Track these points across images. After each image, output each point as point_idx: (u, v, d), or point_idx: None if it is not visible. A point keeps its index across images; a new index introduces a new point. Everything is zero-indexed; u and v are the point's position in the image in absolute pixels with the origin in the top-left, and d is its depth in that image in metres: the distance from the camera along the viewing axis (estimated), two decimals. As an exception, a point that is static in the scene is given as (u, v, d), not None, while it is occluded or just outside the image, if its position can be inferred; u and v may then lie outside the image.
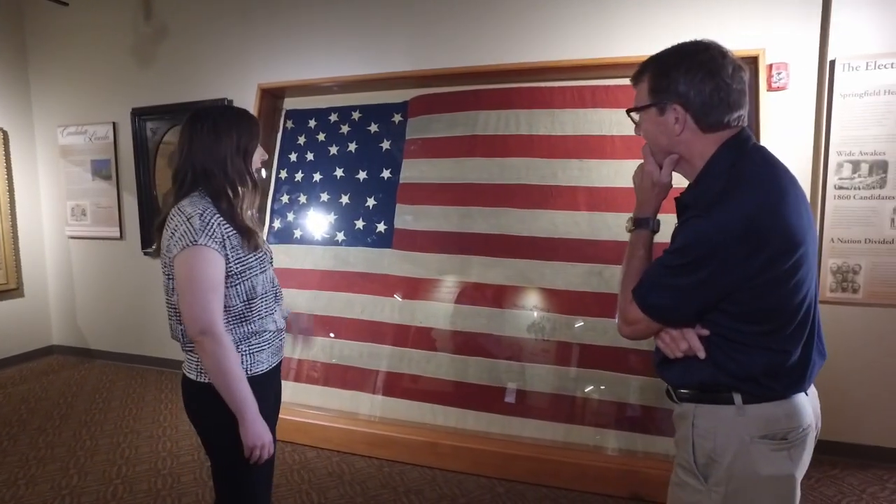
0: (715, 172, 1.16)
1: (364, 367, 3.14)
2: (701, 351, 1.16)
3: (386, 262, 3.24)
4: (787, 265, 1.08)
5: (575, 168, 2.93)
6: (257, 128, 1.53)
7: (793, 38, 2.74)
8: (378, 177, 3.34)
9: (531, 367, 2.87)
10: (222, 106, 1.50)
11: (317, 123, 3.52)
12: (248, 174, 1.50)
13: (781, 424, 1.14)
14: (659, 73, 1.20)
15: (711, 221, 1.08)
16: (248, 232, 1.47)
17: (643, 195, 1.35)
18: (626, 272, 1.30)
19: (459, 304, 3.04)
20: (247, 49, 3.75)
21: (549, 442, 2.75)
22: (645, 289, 1.20)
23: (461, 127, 3.17)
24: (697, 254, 1.09)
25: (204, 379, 1.46)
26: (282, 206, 3.54)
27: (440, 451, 2.80)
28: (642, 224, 1.33)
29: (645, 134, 1.27)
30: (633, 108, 1.28)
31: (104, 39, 4.24)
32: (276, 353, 1.60)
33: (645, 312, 1.20)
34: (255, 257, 1.49)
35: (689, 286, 1.12)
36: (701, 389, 1.20)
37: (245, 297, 1.48)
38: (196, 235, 1.37)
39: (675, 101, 1.18)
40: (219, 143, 1.45)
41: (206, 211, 1.41)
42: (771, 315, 1.12)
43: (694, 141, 1.20)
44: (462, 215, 3.11)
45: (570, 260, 2.88)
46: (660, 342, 1.24)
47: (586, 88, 2.94)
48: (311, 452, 2.99)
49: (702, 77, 1.15)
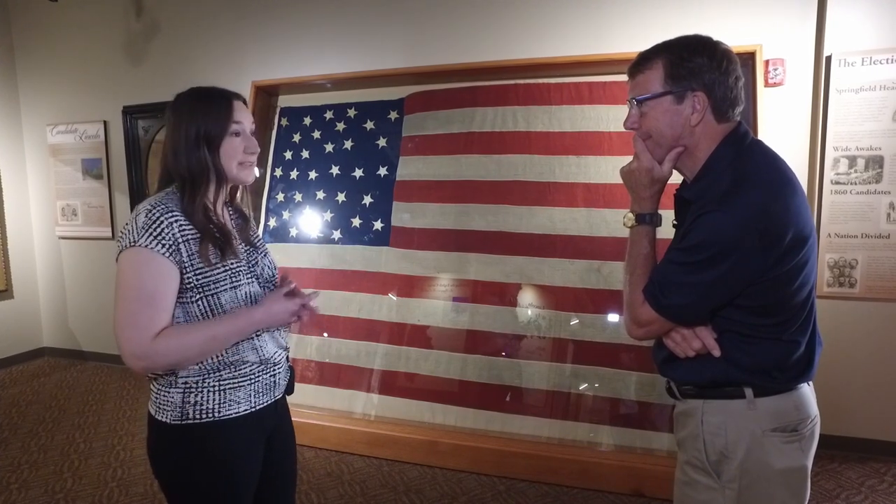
0: (719, 166, 1.14)
1: (362, 366, 3.11)
2: (716, 349, 1.14)
3: (383, 260, 3.22)
4: (798, 258, 1.09)
5: (573, 164, 2.92)
6: (227, 112, 1.27)
7: (789, 33, 2.74)
8: (374, 174, 3.31)
9: (530, 364, 2.86)
10: (196, 88, 1.30)
11: (312, 121, 3.49)
12: (213, 165, 1.25)
13: (791, 416, 1.13)
14: (679, 59, 1.15)
15: (729, 215, 1.06)
16: (208, 234, 1.23)
17: (641, 191, 1.26)
18: (633, 270, 1.24)
19: (457, 301, 3.03)
20: (240, 46, 3.71)
21: (548, 439, 2.74)
22: (658, 288, 1.16)
23: (458, 124, 3.15)
24: (717, 249, 1.06)
25: (165, 418, 1.23)
26: (277, 205, 3.51)
27: (439, 450, 2.78)
28: (644, 220, 1.26)
29: (651, 125, 1.19)
30: (644, 96, 1.19)
31: (94, 36, 4.17)
32: (263, 390, 1.32)
33: (660, 312, 1.16)
34: (223, 269, 1.24)
35: (708, 283, 1.09)
36: (711, 385, 1.18)
37: (210, 316, 1.23)
38: (137, 235, 1.16)
39: (698, 89, 1.14)
40: (178, 130, 1.25)
41: (158, 207, 1.19)
42: (783, 307, 1.11)
43: (706, 132, 1.17)
44: (459, 212, 3.09)
45: (568, 256, 2.87)
46: (670, 342, 1.20)
47: (584, 85, 2.93)
48: (310, 452, 2.97)
49: (726, 67, 1.14)
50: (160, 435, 1.25)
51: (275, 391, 1.37)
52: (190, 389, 1.23)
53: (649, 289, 1.18)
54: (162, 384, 1.24)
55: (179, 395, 1.23)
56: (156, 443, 1.27)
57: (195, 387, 1.23)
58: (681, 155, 1.21)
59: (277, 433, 1.42)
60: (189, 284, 1.21)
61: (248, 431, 1.30)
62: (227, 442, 1.26)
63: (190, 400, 1.22)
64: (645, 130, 1.22)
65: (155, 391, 1.26)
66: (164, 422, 1.23)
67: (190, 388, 1.23)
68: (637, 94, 1.20)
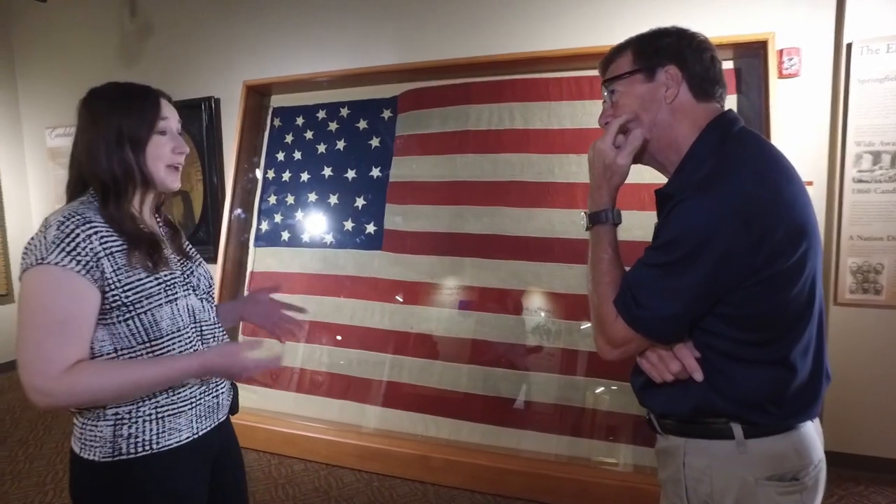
0: (702, 154, 0.99)
1: (353, 375, 2.99)
2: (698, 372, 0.97)
3: (376, 265, 3.09)
4: (792, 259, 0.91)
5: (573, 164, 2.75)
6: (153, 108, 1.15)
7: (805, 20, 2.54)
8: (367, 175, 3.18)
9: (527, 374, 2.70)
10: (113, 84, 1.16)
11: (304, 121, 3.38)
12: (139, 167, 1.12)
13: (791, 462, 0.95)
14: (647, 41, 1.05)
15: (707, 201, 0.90)
16: (139, 242, 1.10)
17: (594, 181, 1.12)
18: (597, 281, 1.08)
19: (451, 308, 2.88)
20: (233, 45, 3.61)
21: (547, 456, 2.58)
22: (631, 299, 0.98)
23: (452, 122, 3.00)
24: (697, 241, 0.90)
25: (93, 456, 1.08)
26: (269, 208, 3.40)
27: (432, 465, 2.64)
28: (600, 218, 1.10)
29: (624, 111, 1.07)
30: (611, 76, 1.08)
31: (90, 38, 4.11)
32: (206, 414, 1.19)
33: (636, 328, 0.98)
34: (156, 281, 1.11)
35: (692, 285, 0.92)
36: (692, 419, 1.00)
37: (144, 336, 1.09)
38: (46, 251, 1.01)
39: (669, 62, 1.02)
40: (95, 129, 1.11)
41: (73, 218, 1.04)
42: (778, 318, 0.94)
43: (686, 114, 1.03)
44: (453, 215, 2.94)
45: (568, 261, 2.71)
46: (645, 363, 1.03)
47: (584, 79, 2.76)
48: (299, 465, 2.85)
49: (698, 45, 1.03)
50: (87, 476, 1.10)
51: (218, 413, 1.24)
52: (122, 421, 1.09)
53: (621, 300, 1.00)
54: (88, 417, 1.10)
55: (109, 428, 1.08)
56: (82, 485, 1.12)
57: (128, 417, 1.09)
58: (644, 144, 1.06)
59: (223, 455, 1.29)
60: (115, 303, 1.06)
61: (192, 461, 1.17)
62: (168, 476, 1.12)
63: (122, 433, 1.08)
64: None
65: (79, 425, 1.11)
66: (92, 460, 1.08)
67: (122, 420, 1.09)
68: (608, 83, 1.10)
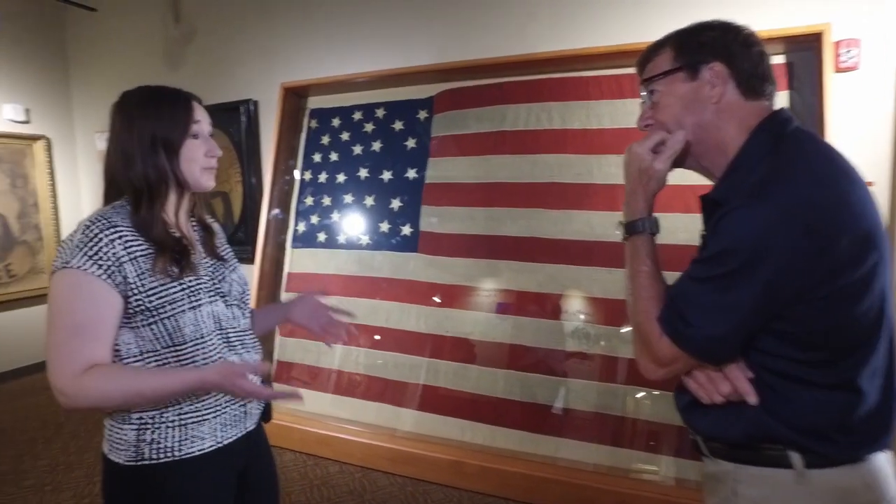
0: (754, 157, 0.91)
1: (388, 378, 2.98)
2: (751, 395, 0.89)
3: (411, 267, 3.07)
4: (860, 271, 0.83)
5: (613, 164, 2.66)
6: (185, 111, 1.15)
7: (864, 9, 2.38)
8: (403, 177, 3.17)
9: (565, 381, 2.64)
10: (145, 87, 1.17)
11: (341, 122, 3.39)
12: (173, 172, 1.13)
13: (861, 497, 0.87)
14: (688, 36, 0.98)
15: (761, 208, 0.82)
16: (166, 247, 1.10)
17: (629, 186, 1.05)
18: (637, 296, 1.00)
19: (488, 311, 2.84)
20: (271, 48, 3.65)
21: (585, 465, 2.51)
22: (679, 315, 0.91)
23: (488, 122, 2.95)
24: (752, 252, 0.81)
25: (118, 458, 1.10)
26: (306, 209, 3.43)
27: (466, 471, 2.61)
28: (637, 227, 1.03)
29: (666, 113, 1.00)
30: (650, 75, 1.01)
31: (137, 44, 4.24)
32: (231, 422, 1.17)
33: (685, 348, 0.90)
34: (180, 286, 1.10)
35: (742, 302, 0.84)
36: (744, 444, 0.92)
37: (168, 341, 1.09)
38: (70, 255, 1.03)
39: (713, 59, 0.95)
40: (129, 134, 1.12)
41: (98, 223, 1.05)
42: (845, 337, 0.85)
43: (733, 114, 0.95)
44: (490, 217, 2.89)
45: (608, 265, 2.62)
46: (692, 383, 0.96)
47: (625, 77, 2.66)
48: (334, 467, 2.86)
49: (745, 38, 0.95)
50: (114, 477, 1.13)
51: (245, 422, 1.23)
52: (146, 425, 1.10)
53: (666, 317, 0.93)
54: (115, 420, 1.13)
55: (133, 432, 1.10)
56: (110, 486, 1.14)
57: (151, 423, 1.10)
58: (686, 147, 1.00)
59: (253, 468, 1.27)
60: (139, 307, 1.07)
61: (214, 471, 1.16)
62: (190, 484, 1.13)
63: (146, 438, 1.10)
64: (660, 123, 1.02)
65: (108, 427, 1.14)
66: (118, 462, 1.11)
67: (146, 424, 1.10)
68: (647, 83, 1.03)
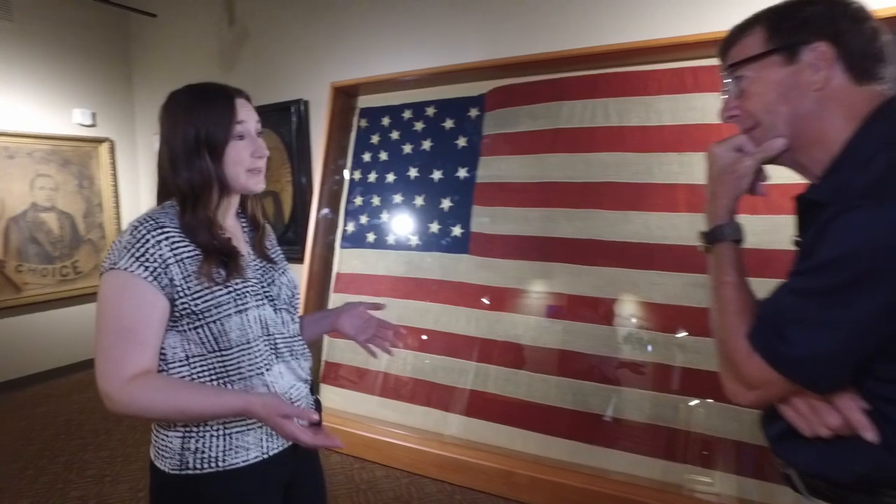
0: (869, 150, 0.77)
1: (437, 382, 2.93)
2: (869, 431, 0.76)
3: (462, 269, 3.00)
4: None
5: (674, 163, 2.52)
6: (229, 110, 1.10)
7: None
8: (453, 176, 3.10)
9: (622, 390, 2.51)
10: (191, 87, 1.13)
11: (391, 121, 3.35)
12: (217, 175, 1.09)
13: None
14: (784, 13, 0.84)
15: (881, 211, 0.70)
16: (212, 252, 1.07)
17: (709, 189, 0.94)
18: (722, 310, 0.88)
19: (540, 316, 2.74)
20: (321, 48, 3.66)
21: (639, 480, 2.39)
22: (773, 333, 0.79)
23: (542, 120, 2.85)
24: (869, 263, 0.70)
25: (164, 466, 1.09)
26: (355, 209, 3.41)
27: (516, 481, 2.52)
28: (719, 234, 0.92)
29: (756, 104, 0.87)
30: (737, 60, 0.88)
31: (194, 48, 4.35)
32: (277, 433, 1.12)
33: (780, 369, 0.78)
34: (227, 290, 1.08)
35: (855, 320, 0.72)
36: (861, 487, 0.80)
37: (214, 345, 1.07)
38: (118, 256, 1.02)
39: (817, 38, 0.81)
40: (174, 135, 1.09)
41: (146, 224, 1.04)
42: None
43: (841, 102, 0.82)
44: (544, 218, 2.79)
45: (669, 269, 2.48)
46: (790, 412, 0.84)
47: (686, 70, 2.51)
48: (381, 471, 2.83)
49: (854, 12, 0.81)
50: (160, 485, 1.12)
51: None
52: (190, 434, 1.08)
53: (760, 333, 0.81)
54: (161, 426, 1.11)
55: (178, 440, 1.09)
56: (155, 493, 1.14)
57: (196, 431, 1.08)
58: (784, 148, 0.87)
59: (300, 481, 1.24)
60: (185, 311, 1.05)
61: (259, 483, 1.13)
62: (234, 497, 1.10)
63: (190, 446, 1.08)
64: (749, 115, 0.89)
65: (154, 433, 1.14)
66: (163, 470, 1.10)
67: (190, 433, 1.08)
68: (732, 68, 0.90)
